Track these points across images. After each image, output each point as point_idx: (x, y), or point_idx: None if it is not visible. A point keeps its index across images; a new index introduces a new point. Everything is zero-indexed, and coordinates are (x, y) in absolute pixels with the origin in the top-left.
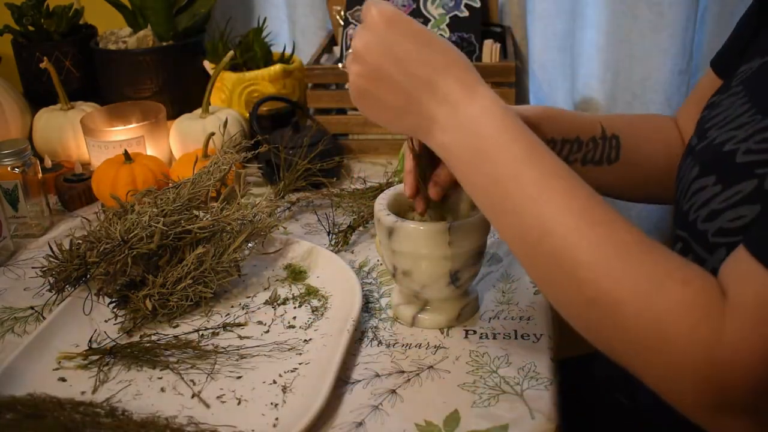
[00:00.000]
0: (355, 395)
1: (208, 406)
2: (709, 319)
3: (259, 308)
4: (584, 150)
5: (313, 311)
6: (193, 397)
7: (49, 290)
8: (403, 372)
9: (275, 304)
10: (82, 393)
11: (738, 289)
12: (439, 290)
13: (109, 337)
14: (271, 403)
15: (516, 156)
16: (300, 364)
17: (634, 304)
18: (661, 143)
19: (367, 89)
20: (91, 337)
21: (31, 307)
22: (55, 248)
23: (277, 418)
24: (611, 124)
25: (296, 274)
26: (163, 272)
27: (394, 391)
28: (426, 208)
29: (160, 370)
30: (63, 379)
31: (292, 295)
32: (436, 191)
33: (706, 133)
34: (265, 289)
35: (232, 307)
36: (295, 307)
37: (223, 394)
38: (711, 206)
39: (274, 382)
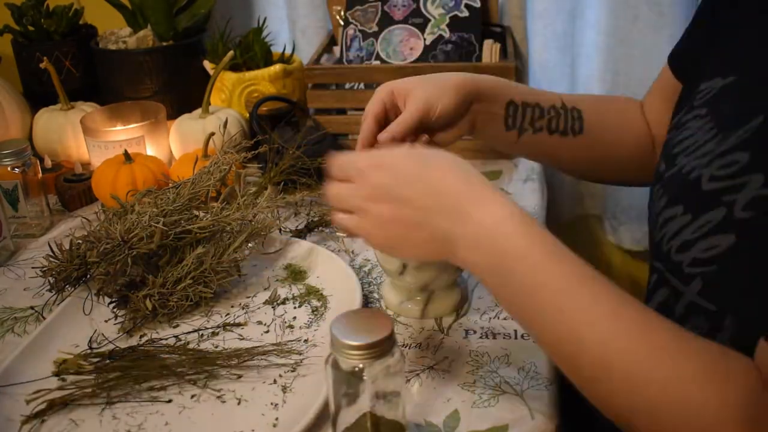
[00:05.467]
0: None
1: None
2: (756, 419)
3: (259, 308)
4: (547, 117)
5: (313, 311)
6: (192, 397)
7: (49, 290)
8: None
9: (275, 304)
10: (83, 391)
11: None
12: (447, 278)
13: (107, 339)
14: (271, 403)
15: (538, 264)
16: (300, 364)
17: (675, 411)
18: (625, 124)
19: (388, 237)
20: (91, 337)
21: (31, 307)
22: (55, 248)
23: (277, 418)
24: (572, 98)
25: (296, 274)
26: (163, 272)
27: None
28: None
29: (159, 370)
30: (63, 379)
31: (292, 295)
32: (384, 136)
33: (674, 159)
34: (265, 289)
35: (232, 307)
36: (295, 307)
37: (223, 394)
38: (683, 236)
39: (275, 382)
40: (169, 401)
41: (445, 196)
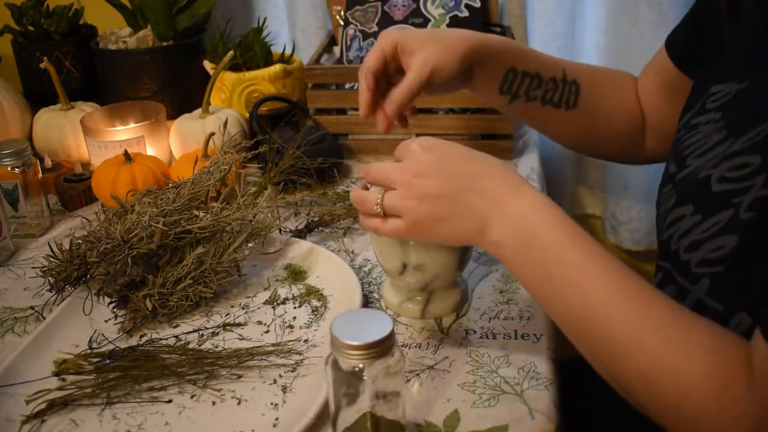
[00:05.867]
0: None
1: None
2: (734, 387)
3: (258, 308)
4: (544, 88)
5: (313, 311)
6: (192, 397)
7: (49, 290)
8: None
9: (275, 304)
10: (83, 391)
11: (761, 365)
12: (447, 277)
13: (107, 339)
14: (271, 403)
15: (560, 243)
16: (300, 364)
17: (666, 376)
18: (620, 101)
19: (426, 214)
20: (91, 338)
21: (31, 307)
22: (55, 248)
23: (277, 418)
24: (573, 69)
25: (296, 274)
26: (163, 272)
27: None
28: (389, 127)
29: (159, 371)
30: (63, 379)
31: (292, 295)
32: (391, 107)
33: (685, 161)
34: (265, 289)
35: (232, 307)
36: (295, 307)
37: (224, 395)
38: (692, 236)
39: (275, 382)
40: (169, 401)
41: (486, 179)
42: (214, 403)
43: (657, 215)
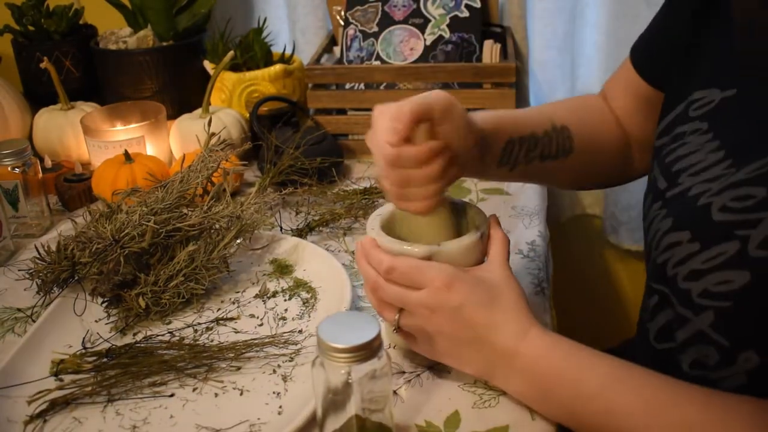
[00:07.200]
0: None
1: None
2: None
3: (249, 302)
4: (540, 146)
5: (303, 303)
6: (194, 390)
7: (38, 293)
8: (403, 372)
9: (265, 297)
10: (83, 389)
11: None
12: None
13: (102, 337)
14: (274, 392)
15: (573, 380)
16: (298, 353)
17: None
18: (605, 127)
19: (438, 347)
20: (84, 337)
21: (18, 309)
22: (41, 250)
23: (281, 406)
24: (559, 114)
25: (282, 269)
26: (155, 270)
27: (394, 392)
28: None
29: (159, 366)
30: (60, 380)
31: (281, 288)
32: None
33: (676, 178)
34: (254, 284)
35: (223, 302)
36: (285, 300)
37: (225, 386)
38: (691, 265)
39: (274, 371)
40: (172, 395)
41: (498, 332)
42: (216, 394)
43: (646, 232)
